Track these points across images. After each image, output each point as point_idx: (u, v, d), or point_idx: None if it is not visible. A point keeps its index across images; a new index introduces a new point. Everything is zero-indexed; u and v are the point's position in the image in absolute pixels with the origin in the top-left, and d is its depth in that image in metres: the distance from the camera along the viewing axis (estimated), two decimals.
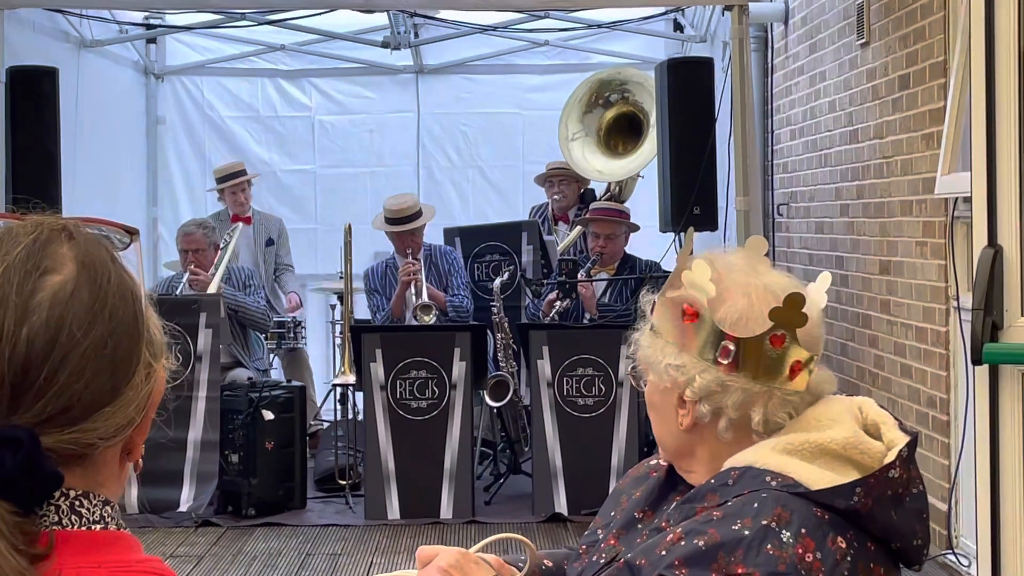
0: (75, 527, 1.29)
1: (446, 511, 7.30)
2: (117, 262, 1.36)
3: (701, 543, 1.80)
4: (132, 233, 1.41)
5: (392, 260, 8.18)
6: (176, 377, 1.44)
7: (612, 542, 2.04)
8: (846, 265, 7.67)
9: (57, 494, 1.28)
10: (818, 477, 1.85)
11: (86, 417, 1.28)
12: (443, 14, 10.13)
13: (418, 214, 8.04)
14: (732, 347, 1.93)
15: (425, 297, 7.83)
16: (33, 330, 1.26)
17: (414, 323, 7.83)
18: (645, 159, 8.88)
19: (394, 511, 7.31)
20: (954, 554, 6.13)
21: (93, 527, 1.30)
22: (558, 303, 7.82)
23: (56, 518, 1.28)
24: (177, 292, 7.90)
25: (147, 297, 1.37)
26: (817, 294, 2.04)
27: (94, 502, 1.31)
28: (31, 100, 7.60)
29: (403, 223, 8.00)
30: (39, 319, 1.27)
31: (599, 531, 2.11)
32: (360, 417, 7.87)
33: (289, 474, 7.53)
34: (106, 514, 1.32)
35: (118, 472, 1.36)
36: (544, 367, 7.39)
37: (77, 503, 1.30)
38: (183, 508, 7.27)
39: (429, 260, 8.12)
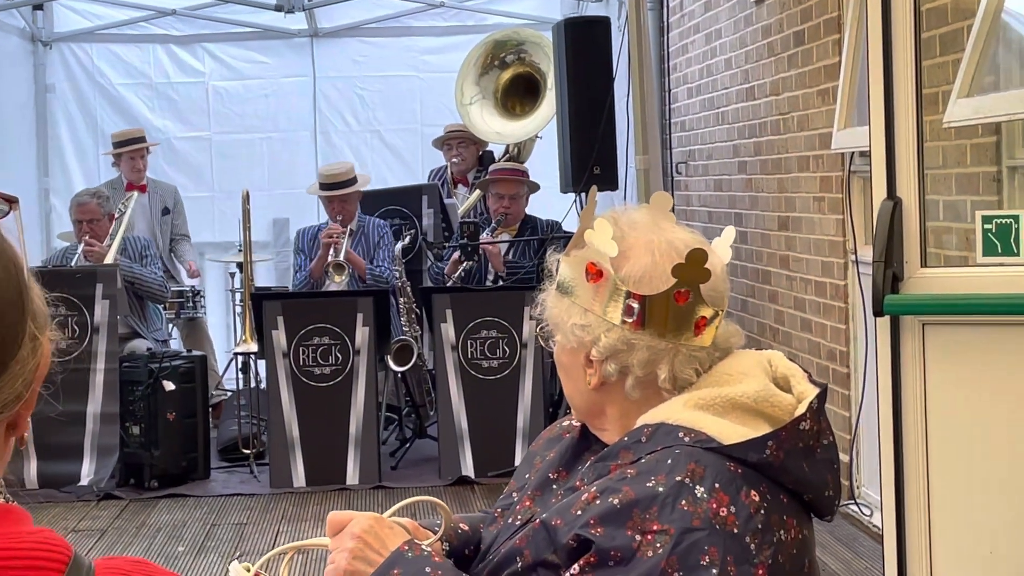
0: None
1: (352, 477, 7.27)
2: None
3: (616, 501, 1.79)
4: (11, 202, 1.36)
5: (325, 225, 8.14)
6: (72, 350, 1.39)
7: (527, 503, 2.02)
8: (745, 222, 7.73)
9: None
10: (730, 431, 1.85)
11: None
12: None
13: (352, 180, 8.02)
14: (636, 305, 1.92)
15: (342, 256, 7.80)
16: None
17: (329, 288, 7.80)
18: (543, 120, 8.86)
19: (299, 479, 7.26)
20: (856, 504, 6.23)
21: None
22: (464, 263, 7.80)
23: None
24: (72, 263, 7.75)
25: (26, 267, 1.32)
26: (722, 249, 2.04)
27: None
28: None
29: (334, 188, 7.96)
30: None
31: (514, 494, 2.09)
32: (263, 385, 7.80)
33: (192, 445, 7.45)
34: None
35: (3, 448, 1.32)
36: (448, 330, 7.37)
37: None
38: (84, 482, 7.16)
39: (360, 231, 8.09)
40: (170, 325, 8.83)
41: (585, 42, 7.73)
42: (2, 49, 10.00)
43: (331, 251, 7.87)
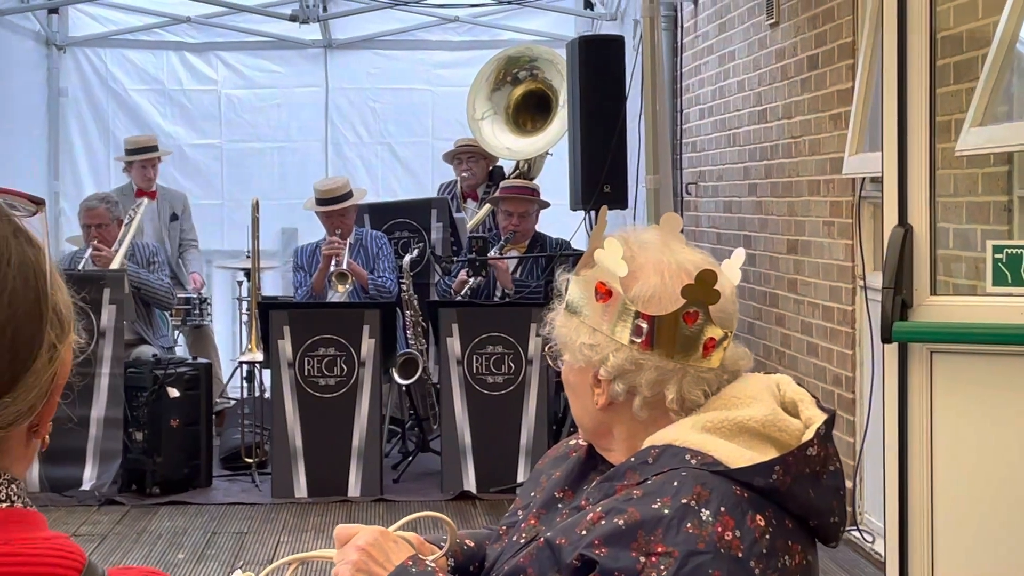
0: None
1: (354, 489, 7.26)
2: (20, 236, 1.28)
3: (621, 522, 1.79)
4: (38, 204, 1.35)
5: (323, 241, 8.13)
6: (79, 353, 1.38)
7: (532, 522, 2.02)
8: (754, 244, 7.73)
9: None
10: (737, 455, 1.84)
11: None
12: None
13: (348, 195, 8.02)
14: (645, 325, 1.92)
15: (345, 265, 7.80)
16: None
17: (332, 298, 7.80)
18: (554, 137, 8.87)
19: (301, 489, 7.25)
20: (859, 531, 6.21)
21: None
22: (471, 280, 7.79)
23: None
24: (80, 267, 7.76)
25: (53, 270, 1.30)
26: (731, 271, 2.03)
27: None
28: None
29: (331, 203, 7.97)
30: None
31: (519, 511, 2.09)
32: (267, 394, 7.80)
33: (195, 452, 7.44)
34: (12, 492, 1.27)
35: (24, 451, 1.31)
36: (453, 344, 7.37)
37: None
38: (86, 486, 7.15)
39: (359, 243, 8.09)
40: (176, 332, 8.83)
41: (599, 60, 7.74)
42: (16, 52, 10.02)
43: (332, 262, 7.87)
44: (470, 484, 7.27)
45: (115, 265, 7.75)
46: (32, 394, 1.27)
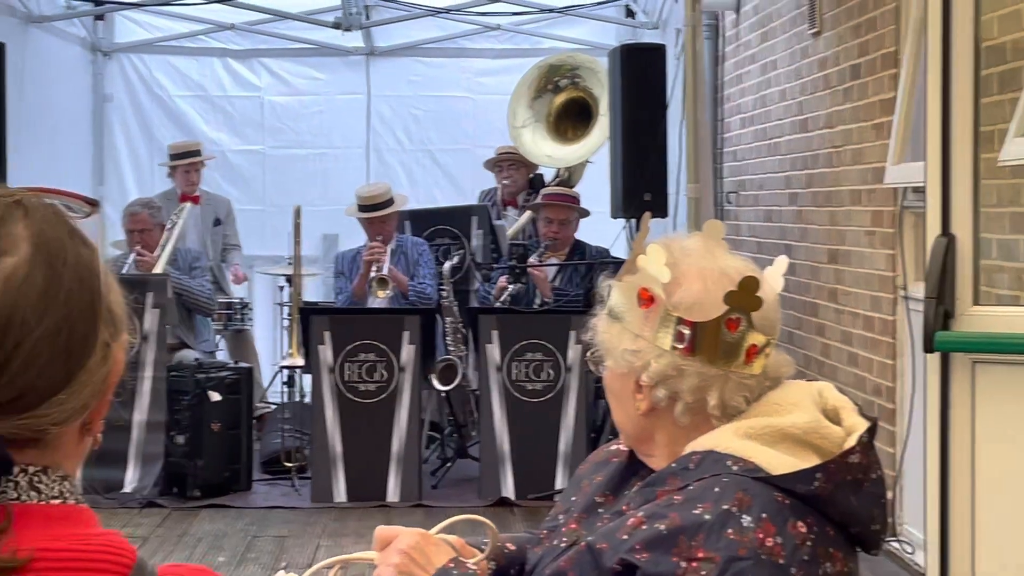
0: (34, 502, 1.27)
1: (393, 494, 7.28)
2: (76, 237, 1.31)
3: (662, 527, 1.80)
4: (93, 205, 1.37)
5: (364, 247, 8.16)
6: (129, 354, 1.40)
7: (573, 526, 2.03)
8: (794, 253, 7.70)
9: (16, 470, 1.26)
10: (779, 462, 1.85)
11: (39, 404, 1.25)
12: None
13: (389, 202, 8.05)
14: (688, 331, 1.92)
15: (385, 271, 7.82)
16: None
17: (373, 304, 7.83)
18: (595, 145, 8.88)
19: (340, 494, 7.28)
20: (898, 541, 6.18)
21: (51, 502, 1.28)
22: (510, 286, 7.80)
23: (15, 494, 1.26)
24: (123, 272, 7.82)
25: (107, 270, 1.33)
26: (774, 277, 2.04)
27: (52, 477, 1.29)
28: None
29: (373, 210, 7.99)
30: None
31: (560, 516, 2.10)
32: (307, 399, 7.83)
33: (235, 456, 7.49)
34: (64, 489, 1.30)
35: (76, 448, 1.34)
36: (493, 351, 7.38)
37: (36, 479, 1.28)
38: (128, 489, 7.21)
39: (400, 250, 8.11)
40: (217, 336, 8.89)
41: (640, 69, 7.74)
42: (63, 58, 10.12)
43: (373, 267, 7.90)
44: (508, 491, 7.28)
45: (158, 270, 7.81)
46: (86, 392, 1.29)
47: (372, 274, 7.86)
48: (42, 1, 9.58)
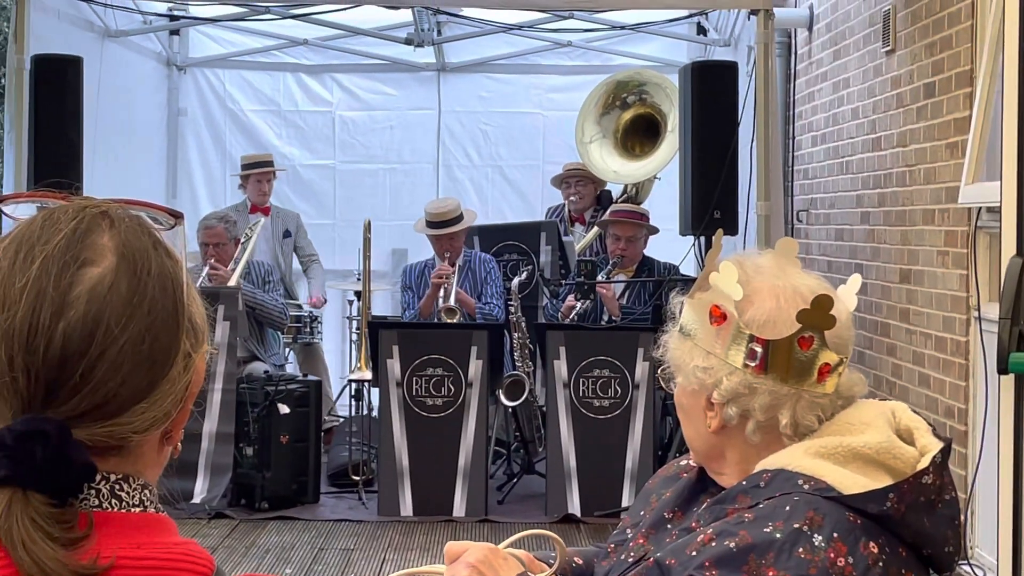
0: (115, 510, 1.29)
1: (459, 509, 7.29)
2: (160, 248, 1.33)
3: (732, 544, 1.79)
4: (177, 217, 1.39)
5: (432, 261, 8.20)
6: (209, 364, 1.42)
7: (641, 541, 2.03)
8: (866, 273, 7.64)
9: (98, 478, 1.28)
10: (851, 482, 1.84)
11: (121, 412, 1.27)
12: (467, 12, 10.11)
13: (458, 218, 8.07)
14: (760, 349, 1.92)
15: (452, 301, 7.82)
16: (70, 325, 1.25)
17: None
18: (662, 161, 8.87)
19: (407, 508, 7.30)
20: (969, 565, 6.11)
21: (132, 510, 1.30)
22: (578, 304, 7.79)
23: (96, 502, 1.28)
24: (197, 285, 7.89)
25: (189, 281, 1.35)
26: (847, 296, 2.03)
27: (133, 486, 1.31)
28: (55, 89, 7.61)
29: (442, 227, 8.02)
30: (76, 314, 1.25)
31: (628, 530, 2.10)
32: (375, 413, 7.87)
33: (303, 468, 7.53)
34: (145, 497, 1.32)
35: (157, 457, 1.35)
36: (560, 367, 7.38)
37: (117, 487, 1.29)
38: (197, 500, 7.27)
39: (467, 266, 8.13)
40: (287, 349, 8.95)
41: (712, 86, 7.72)
42: (139, 72, 10.27)
43: (440, 292, 7.91)
44: (574, 507, 7.26)
45: (231, 283, 7.89)
46: (167, 401, 1.31)
47: (439, 303, 7.86)
48: (119, 16, 9.72)
